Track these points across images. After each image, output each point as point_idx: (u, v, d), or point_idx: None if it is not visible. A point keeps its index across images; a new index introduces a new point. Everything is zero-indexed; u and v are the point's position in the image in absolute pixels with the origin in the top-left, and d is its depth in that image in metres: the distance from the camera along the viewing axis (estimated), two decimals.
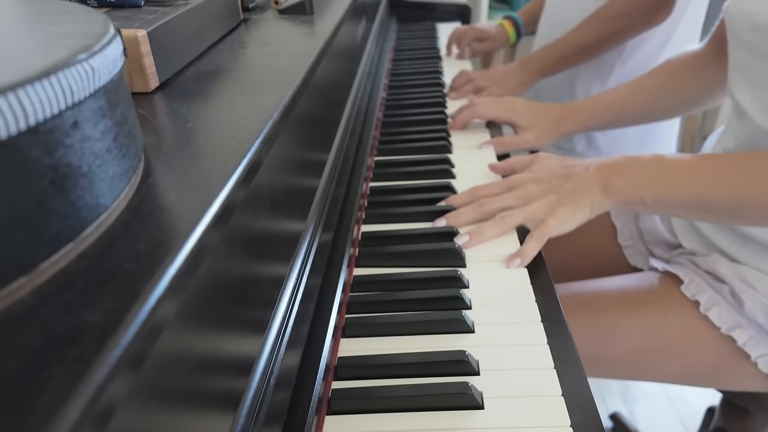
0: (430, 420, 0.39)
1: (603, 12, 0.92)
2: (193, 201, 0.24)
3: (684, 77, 0.76)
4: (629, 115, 0.80)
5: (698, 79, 0.76)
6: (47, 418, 0.14)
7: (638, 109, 0.79)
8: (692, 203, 0.55)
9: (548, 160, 0.62)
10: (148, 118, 0.34)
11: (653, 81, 0.78)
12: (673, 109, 0.80)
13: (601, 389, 1.30)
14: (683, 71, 0.77)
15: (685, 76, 0.76)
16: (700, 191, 0.54)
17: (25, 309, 0.18)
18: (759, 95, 0.59)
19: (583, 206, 0.56)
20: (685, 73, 0.76)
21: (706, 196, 0.54)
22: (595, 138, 1.07)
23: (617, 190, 0.56)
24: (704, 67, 0.75)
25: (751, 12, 0.57)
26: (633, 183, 0.56)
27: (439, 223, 0.59)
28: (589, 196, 0.56)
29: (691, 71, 0.76)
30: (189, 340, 0.24)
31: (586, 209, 0.56)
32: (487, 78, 0.97)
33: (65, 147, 0.19)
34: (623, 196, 0.56)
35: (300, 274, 0.41)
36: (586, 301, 0.65)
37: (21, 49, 0.21)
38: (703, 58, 0.75)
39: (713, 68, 0.73)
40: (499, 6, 2.15)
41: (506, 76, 0.97)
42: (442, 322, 0.46)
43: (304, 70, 0.42)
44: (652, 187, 0.56)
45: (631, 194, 0.56)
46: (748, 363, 0.60)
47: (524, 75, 0.98)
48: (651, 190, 0.56)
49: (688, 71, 0.76)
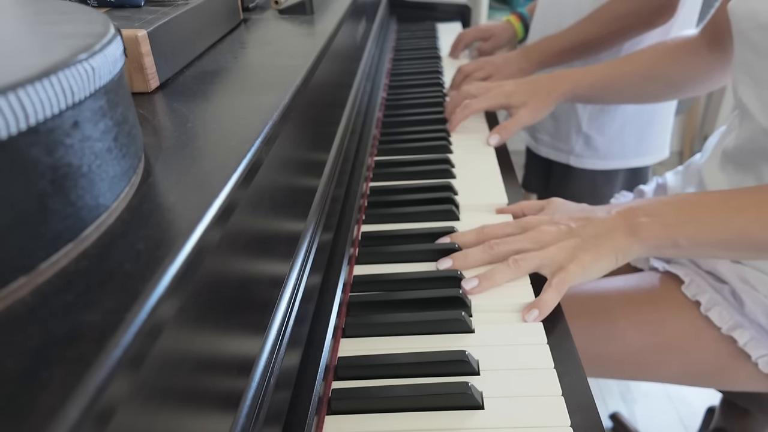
0: (430, 420, 0.39)
1: (606, 11, 0.93)
2: (193, 201, 0.24)
3: (672, 59, 0.77)
4: (617, 88, 0.80)
5: (687, 64, 0.76)
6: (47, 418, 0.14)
7: (626, 81, 0.79)
8: (733, 241, 0.50)
9: (564, 204, 0.58)
10: (148, 118, 0.34)
11: (642, 57, 0.79)
12: (660, 90, 0.80)
13: (601, 389, 1.30)
14: (673, 53, 0.77)
15: (674, 57, 0.77)
16: (742, 226, 0.50)
17: (25, 309, 0.18)
18: (763, 95, 0.59)
19: (607, 253, 0.50)
20: (675, 55, 0.77)
21: (750, 230, 0.49)
22: (592, 139, 1.07)
23: (646, 233, 0.51)
24: (695, 53, 0.75)
25: (757, 11, 0.57)
26: (663, 224, 0.51)
27: (444, 265, 0.53)
28: (613, 242, 0.50)
29: (681, 54, 0.77)
30: (189, 340, 0.24)
31: (611, 256, 0.50)
32: (489, 65, 0.96)
33: (65, 147, 0.19)
34: (653, 239, 0.51)
35: (300, 274, 0.41)
36: (586, 301, 0.65)
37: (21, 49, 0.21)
38: (696, 45, 0.75)
39: (704, 56, 0.74)
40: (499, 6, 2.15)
41: (506, 64, 0.97)
42: (442, 322, 0.46)
43: (304, 70, 0.42)
44: (686, 226, 0.50)
45: (663, 237, 0.51)
46: (749, 363, 0.60)
47: (525, 63, 0.98)
48: (684, 230, 0.50)
49: (677, 53, 0.77)
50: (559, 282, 0.49)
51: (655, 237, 0.51)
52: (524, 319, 0.47)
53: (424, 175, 0.70)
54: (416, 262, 0.55)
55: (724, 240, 0.50)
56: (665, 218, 0.51)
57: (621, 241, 0.51)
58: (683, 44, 0.77)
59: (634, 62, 0.79)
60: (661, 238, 0.51)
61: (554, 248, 0.51)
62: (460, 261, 0.53)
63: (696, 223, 0.50)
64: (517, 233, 0.54)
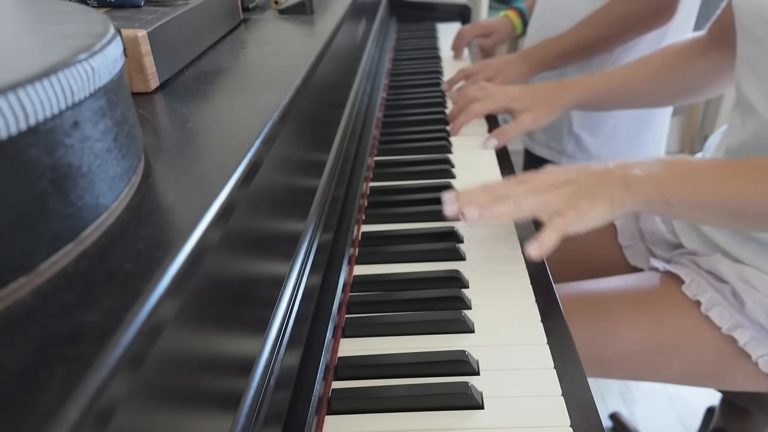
0: (430, 420, 0.39)
1: (604, 13, 0.93)
2: (193, 201, 0.24)
3: (686, 61, 0.76)
4: (626, 94, 0.78)
5: (699, 65, 0.75)
6: (47, 418, 0.14)
7: (635, 89, 0.78)
8: (719, 205, 0.52)
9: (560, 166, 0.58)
10: (148, 118, 0.34)
11: (654, 62, 0.77)
12: (670, 94, 0.79)
13: (601, 389, 1.30)
14: (685, 55, 0.76)
15: (687, 60, 0.76)
16: (730, 192, 0.51)
17: (25, 309, 0.18)
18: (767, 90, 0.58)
19: (603, 200, 0.52)
20: (687, 57, 0.76)
21: (738, 196, 0.51)
22: (583, 140, 1.07)
23: (640, 187, 0.52)
24: (705, 54, 0.74)
25: (763, 5, 0.57)
26: (657, 181, 0.52)
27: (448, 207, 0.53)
28: (609, 192, 0.52)
29: (693, 56, 0.75)
30: (189, 340, 0.24)
31: (606, 204, 0.52)
32: (489, 68, 0.96)
33: (65, 147, 0.19)
34: (647, 194, 0.52)
35: (300, 274, 0.41)
36: (587, 301, 0.65)
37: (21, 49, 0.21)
38: (705, 45, 0.74)
39: (714, 56, 0.73)
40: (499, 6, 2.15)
41: (506, 67, 0.97)
42: (442, 322, 0.46)
43: (304, 70, 0.42)
44: (678, 186, 0.52)
45: (654, 192, 0.52)
46: (749, 363, 0.60)
47: (524, 67, 0.98)
48: (677, 189, 0.52)
49: (690, 56, 0.75)
50: (557, 225, 0.50)
51: (647, 192, 0.52)
52: (527, 252, 0.50)
53: (424, 175, 0.70)
54: (416, 262, 0.55)
55: (714, 203, 0.52)
56: (659, 176, 0.52)
57: (616, 191, 0.52)
58: (691, 46, 0.76)
59: (643, 69, 0.78)
60: (653, 194, 0.52)
61: (553, 195, 0.52)
62: (465, 198, 0.53)
63: (688, 183, 0.52)
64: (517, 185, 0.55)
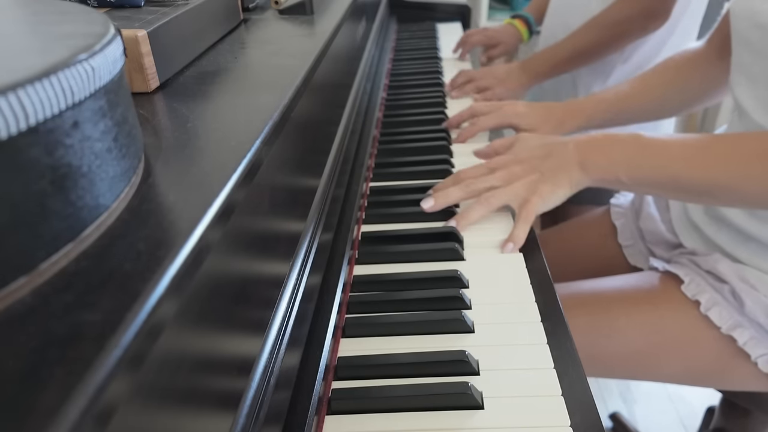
0: (430, 420, 0.39)
1: (599, 19, 0.93)
2: (193, 201, 0.24)
3: (689, 73, 0.76)
4: (633, 112, 0.79)
5: (702, 75, 0.75)
6: (47, 418, 0.14)
7: (642, 106, 0.78)
8: (667, 183, 0.56)
9: (528, 140, 0.63)
10: (148, 118, 0.34)
11: (659, 77, 0.77)
12: (676, 106, 0.79)
13: (601, 389, 1.30)
14: (689, 68, 0.76)
15: (691, 72, 0.76)
16: (675, 172, 0.55)
17: (25, 309, 0.18)
18: (759, 93, 0.59)
19: (563, 184, 0.58)
20: (691, 69, 0.76)
21: (681, 178, 0.55)
22: None
23: (595, 168, 0.58)
24: (708, 64, 0.74)
25: (756, 10, 0.57)
26: (610, 161, 0.57)
27: (427, 204, 0.60)
28: (568, 174, 0.58)
29: (696, 67, 0.75)
30: (189, 340, 0.24)
31: (566, 186, 0.58)
32: (491, 76, 0.97)
33: (65, 147, 0.19)
34: (600, 174, 0.58)
35: (300, 274, 0.41)
36: (586, 301, 0.65)
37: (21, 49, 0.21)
38: (707, 55, 0.74)
39: (717, 65, 0.73)
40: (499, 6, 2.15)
41: (507, 77, 0.97)
42: (442, 322, 0.46)
43: (304, 70, 0.42)
44: (629, 166, 0.57)
45: (607, 172, 0.57)
46: (749, 363, 0.60)
47: (524, 78, 0.98)
48: (627, 169, 0.57)
49: (693, 67, 0.76)
50: (526, 214, 0.57)
51: (601, 173, 0.58)
52: (503, 251, 0.55)
53: (424, 175, 0.70)
54: (416, 262, 0.55)
55: (661, 181, 0.57)
56: (612, 155, 0.58)
57: (574, 173, 0.58)
58: (694, 56, 0.76)
59: (648, 84, 0.77)
60: (606, 174, 0.58)
61: (518, 184, 0.59)
62: (442, 198, 0.60)
63: (639, 164, 0.57)
64: (487, 174, 0.61)
